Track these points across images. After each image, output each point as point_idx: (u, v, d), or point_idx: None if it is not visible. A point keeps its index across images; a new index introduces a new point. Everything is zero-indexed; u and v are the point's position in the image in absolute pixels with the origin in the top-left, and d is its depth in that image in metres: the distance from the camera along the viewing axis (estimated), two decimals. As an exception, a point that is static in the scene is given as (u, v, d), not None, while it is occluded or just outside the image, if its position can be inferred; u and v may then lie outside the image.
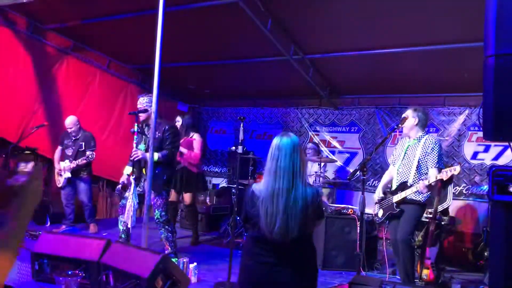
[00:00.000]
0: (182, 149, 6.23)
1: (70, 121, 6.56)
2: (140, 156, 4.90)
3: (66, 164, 6.53)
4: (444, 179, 4.29)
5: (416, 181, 4.48)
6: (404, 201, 4.50)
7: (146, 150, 4.86)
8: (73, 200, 6.72)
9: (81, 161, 6.43)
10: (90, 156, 6.42)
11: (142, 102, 5.08)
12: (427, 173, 4.49)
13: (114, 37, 7.26)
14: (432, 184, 4.35)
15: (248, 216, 2.65)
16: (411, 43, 5.79)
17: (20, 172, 1.46)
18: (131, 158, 4.96)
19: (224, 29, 6.38)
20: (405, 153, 4.66)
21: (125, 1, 5.90)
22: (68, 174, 6.49)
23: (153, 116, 4.13)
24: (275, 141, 2.63)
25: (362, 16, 5.39)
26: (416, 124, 4.60)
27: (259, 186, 2.63)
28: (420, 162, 4.51)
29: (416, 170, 4.51)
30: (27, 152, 1.62)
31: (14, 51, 6.86)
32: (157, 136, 4.90)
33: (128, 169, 5.20)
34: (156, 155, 4.83)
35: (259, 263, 2.56)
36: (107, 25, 6.64)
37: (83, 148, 6.52)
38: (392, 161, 4.95)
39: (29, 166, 1.46)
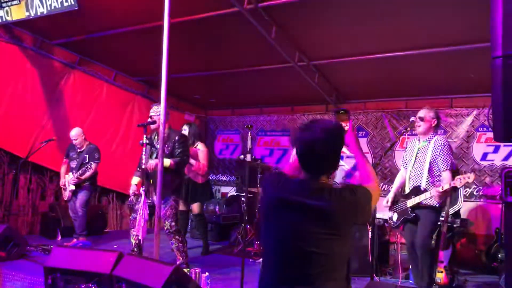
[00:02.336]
0: (191, 160, 6.24)
1: (75, 132, 6.57)
2: (154, 166, 4.88)
3: (70, 177, 6.52)
4: (458, 186, 4.26)
5: (429, 184, 4.45)
6: (419, 206, 4.47)
7: None
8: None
9: (82, 173, 6.41)
10: (89, 166, 6.40)
11: (155, 110, 5.08)
12: (439, 175, 4.47)
13: (119, 50, 7.32)
14: (447, 190, 4.32)
15: None
16: (416, 45, 5.77)
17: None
18: (142, 167, 4.96)
19: (228, 38, 6.40)
20: (416, 156, 4.63)
21: (129, 14, 5.95)
22: (72, 187, 6.46)
23: (161, 127, 4.15)
24: (293, 152, 2.85)
25: (366, 20, 5.39)
26: (434, 125, 4.59)
27: None
28: (432, 164, 4.48)
29: (428, 173, 4.48)
30: (341, 112, 1.85)
31: (21, 67, 6.93)
32: (168, 146, 4.95)
33: (135, 179, 5.22)
34: (168, 161, 4.86)
35: None
36: (112, 38, 6.69)
37: (87, 160, 6.50)
38: (402, 163, 4.93)
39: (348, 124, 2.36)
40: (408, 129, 4.61)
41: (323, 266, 1.94)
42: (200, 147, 6.54)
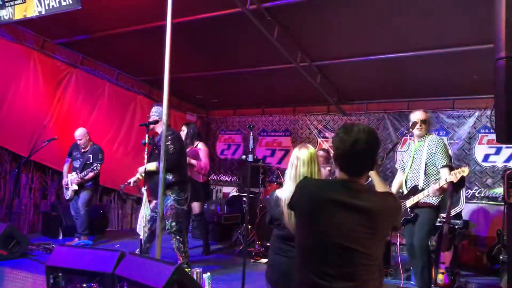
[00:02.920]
0: (192, 161, 6.25)
1: (79, 132, 6.59)
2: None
3: (73, 177, 6.54)
4: (454, 181, 4.27)
5: (426, 184, 4.47)
6: (418, 205, 4.48)
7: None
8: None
9: (86, 173, 6.42)
10: (94, 167, 6.42)
11: (152, 111, 5.13)
12: (435, 174, 4.50)
13: (121, 50, 7.32)
14: (444, 186, 4.33)
15: (273, 218, 2.96)
16: (418, 47, 5.77)
17: None
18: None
19: (231, 38, 6.41)
20: (412, 157, 4.66)
21: (132, 14, 5.95)
22: (75, 187, 6.48)
23: (163, 127, 4.15)
24: (295, 151, 2.94)
25: (369, 21, 5.39)
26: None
27: (282, 191, 2.94)
28: (427, 163, 4.51)
29: (424, 173, 4.50)
30: None
31: (24, 66, 6.94)
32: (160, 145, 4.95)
33: (142, 169, 5.15)
34: (153, 165, 4.92)
35: (286, 258, 2.83)
36: (115, 38, 6.70)
37: (91, 161, 6.52)
38: (400, 167, 4.94)
39: None
40: (410, 130, 4.62)
41: (363, 264, 2.02)
42: (200, 146, 6.54)
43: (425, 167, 4.52)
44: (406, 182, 4.71)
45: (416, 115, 4.65)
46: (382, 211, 2.06)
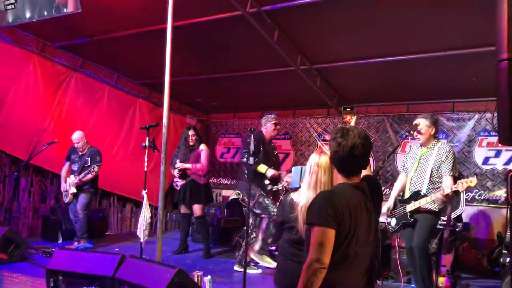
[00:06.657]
0: (185, 165, 6.32)
1: (77, 136, 6.57)
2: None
3: (71, 180, 6.51)
4: (461, 191, 4.24)
5: (430, 190, 4.45)
6: (418, 210, 4.46)
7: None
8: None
9: (84, 175, 6.39)
10: (91, 169, 6.38)
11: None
12: (438, 182, 4.47)
13: (121, 53, 7.33)
14: (450, 194, 4.30)
15: (285, 220, 2.99)
16: (418, 50, 5.78)
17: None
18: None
19: (231, 41, 6.42)
20: (418, 162, 4.63)
21: (132, 17, 5.96)
22: (74, 190, 6.45)
23: (164, 130, 4.14)
24: (314, 158, 2.93)
25: (368, 24, 5.40)
26: (433, 133, 4.59)
27: (298, 196, 2.96)
28: (433, 170, 4.48)
29: (429, 180, 4.48)
30: (348, 109, 2.16)
31: (24, 69, 6.93)
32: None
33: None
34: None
35: (295, 262, 2.84)
36: (114, 41, 6.71)
37: (89, 164, 6.48)
38: (402, 168, 4.92)
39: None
40: (412, 132, 4.60)
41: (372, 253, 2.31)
42: (202, 147, 6.54)
43: (431, 174, 4.50)
44: (409, 187, 4.69)
45: (421, 121, 4.60)
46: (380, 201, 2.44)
